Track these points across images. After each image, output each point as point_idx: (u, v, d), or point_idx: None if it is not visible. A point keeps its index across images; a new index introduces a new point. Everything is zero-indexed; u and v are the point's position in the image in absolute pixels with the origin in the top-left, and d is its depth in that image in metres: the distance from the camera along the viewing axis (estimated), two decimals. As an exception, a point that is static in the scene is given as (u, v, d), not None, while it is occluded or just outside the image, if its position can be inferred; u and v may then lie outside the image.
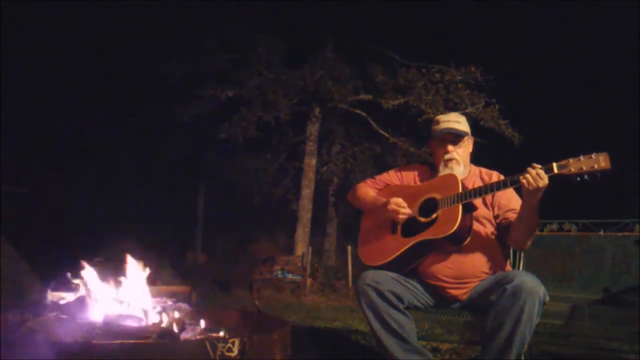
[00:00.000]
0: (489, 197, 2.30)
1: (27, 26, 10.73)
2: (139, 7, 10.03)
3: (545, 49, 11.98)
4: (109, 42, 10.90)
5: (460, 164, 2.38)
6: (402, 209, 2.27)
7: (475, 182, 2.35)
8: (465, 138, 2.41)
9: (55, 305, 2.22)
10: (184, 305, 2.50)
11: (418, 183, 2.47)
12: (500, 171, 2.40)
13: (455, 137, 2.38)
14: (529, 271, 2.14)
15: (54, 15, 10.60)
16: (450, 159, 2.37)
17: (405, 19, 9.98)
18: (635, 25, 9.76)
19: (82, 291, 2.31)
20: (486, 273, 2.24)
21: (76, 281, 2.34)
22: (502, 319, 1.99)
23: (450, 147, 2.37)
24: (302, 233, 10.45)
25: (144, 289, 2.47)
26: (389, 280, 2.18)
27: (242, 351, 1.81)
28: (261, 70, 10.12)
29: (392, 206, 2.28)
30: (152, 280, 2.50)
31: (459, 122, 2.41)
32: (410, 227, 2.26)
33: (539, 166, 2.01)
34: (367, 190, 2.52)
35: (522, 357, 2.10)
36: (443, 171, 2.38)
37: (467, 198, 2.16)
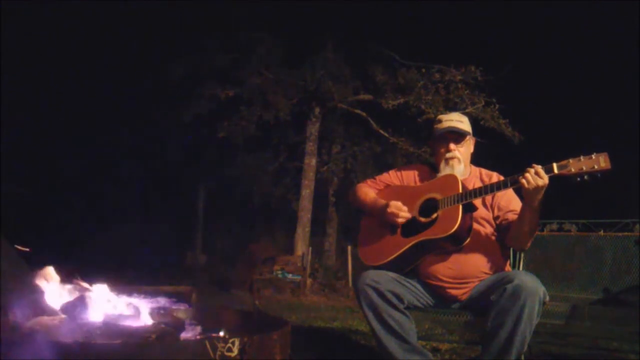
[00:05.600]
0: (488, 198, 2.30)
1: (28, 25, 10.73)
2: (140, 7, 10.04)
3: (545, 49, 11.98)
4: (109, 41, 10.90)
5: (461, 162, 2.38)
6: (402, 212, 2.27)
7: (475, 183, 2.34)
8: (467, 137, 2.41)
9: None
10: (184, 305, 2.49)
11: (418, 183, 2.46)
12: (500, 171, 2.40)
13: (458, 135, 2.38)
14: (529, 271, 2.14)
15: (55, 14, 10.60)
16: (452, 158, 2.37)
17: (405, 19, 9.98)
18: (635, 24, 9.76)
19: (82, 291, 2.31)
20: (486, 273, 2.24)
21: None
22: (502, 319, 1.98)
23: (452, 146, 2.37)
24: (302, 233, 10.45)
25: (144, 289, 2.47)
26: (388, 280, 2.18)
27: (242, 351, 1.80)
28: (261, 70, 10.12)
29: (391, 209, 2.28)
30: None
31: (461, 121, 2.42)
32: (411, 227, 2.26)
33: (539, 166, 2.01)
34: (367, 190, 2.52)
35: (522, 357, 2.10)
36: (444, 170, 2.38)
37: (467, 198, 2.16)
